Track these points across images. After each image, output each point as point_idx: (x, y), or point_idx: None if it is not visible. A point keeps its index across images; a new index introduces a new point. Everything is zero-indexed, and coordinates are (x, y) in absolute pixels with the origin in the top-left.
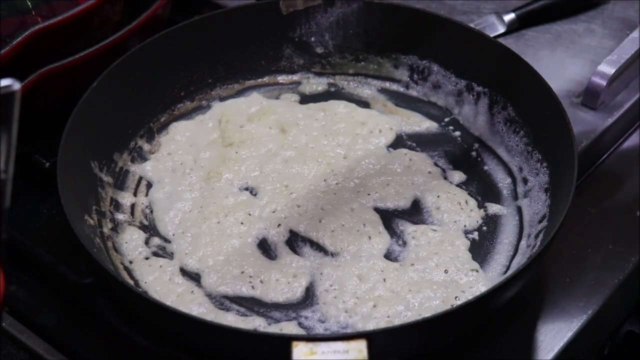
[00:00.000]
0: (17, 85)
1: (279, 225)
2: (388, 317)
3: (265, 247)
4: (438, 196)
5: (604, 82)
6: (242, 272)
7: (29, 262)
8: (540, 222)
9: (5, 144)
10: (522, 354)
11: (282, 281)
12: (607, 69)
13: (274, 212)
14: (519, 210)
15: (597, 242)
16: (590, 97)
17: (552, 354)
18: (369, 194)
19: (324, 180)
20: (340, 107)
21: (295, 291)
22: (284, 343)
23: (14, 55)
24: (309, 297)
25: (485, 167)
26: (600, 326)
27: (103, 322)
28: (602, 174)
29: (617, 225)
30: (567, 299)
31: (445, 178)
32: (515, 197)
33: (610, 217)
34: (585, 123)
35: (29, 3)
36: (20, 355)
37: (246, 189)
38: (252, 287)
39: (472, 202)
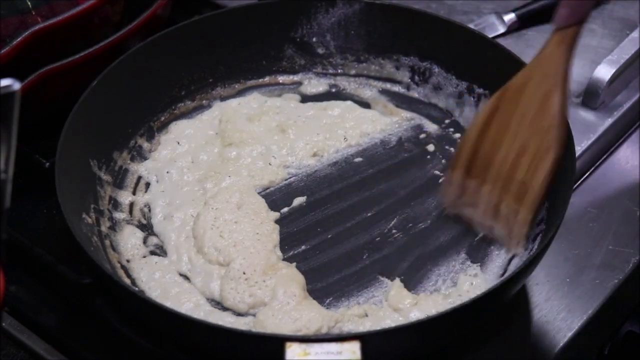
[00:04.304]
0: (17, 85)
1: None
2: (385, 318)
3: None
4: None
5: (604, 82)
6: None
7: (29, 262)
8: (538, 224)
9: (5, 144)
10: (522, 354)
11: None
12: (607, 69)
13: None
14: None
15: (597, 242)
16: (590, 97)
17: (552, 354)
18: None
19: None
20: (341, 107)
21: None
22: (277, 343)
23: (14, 55)
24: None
25: None
26: (600, 326)
27: (103, 322)
28: (602, 174)
29: (617, 225)
30: (567, 299)
31: None
32: None
33: (610, 217)
34: (585, 123)
35: (29, 3)
36: (20, 355)
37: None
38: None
39: None
